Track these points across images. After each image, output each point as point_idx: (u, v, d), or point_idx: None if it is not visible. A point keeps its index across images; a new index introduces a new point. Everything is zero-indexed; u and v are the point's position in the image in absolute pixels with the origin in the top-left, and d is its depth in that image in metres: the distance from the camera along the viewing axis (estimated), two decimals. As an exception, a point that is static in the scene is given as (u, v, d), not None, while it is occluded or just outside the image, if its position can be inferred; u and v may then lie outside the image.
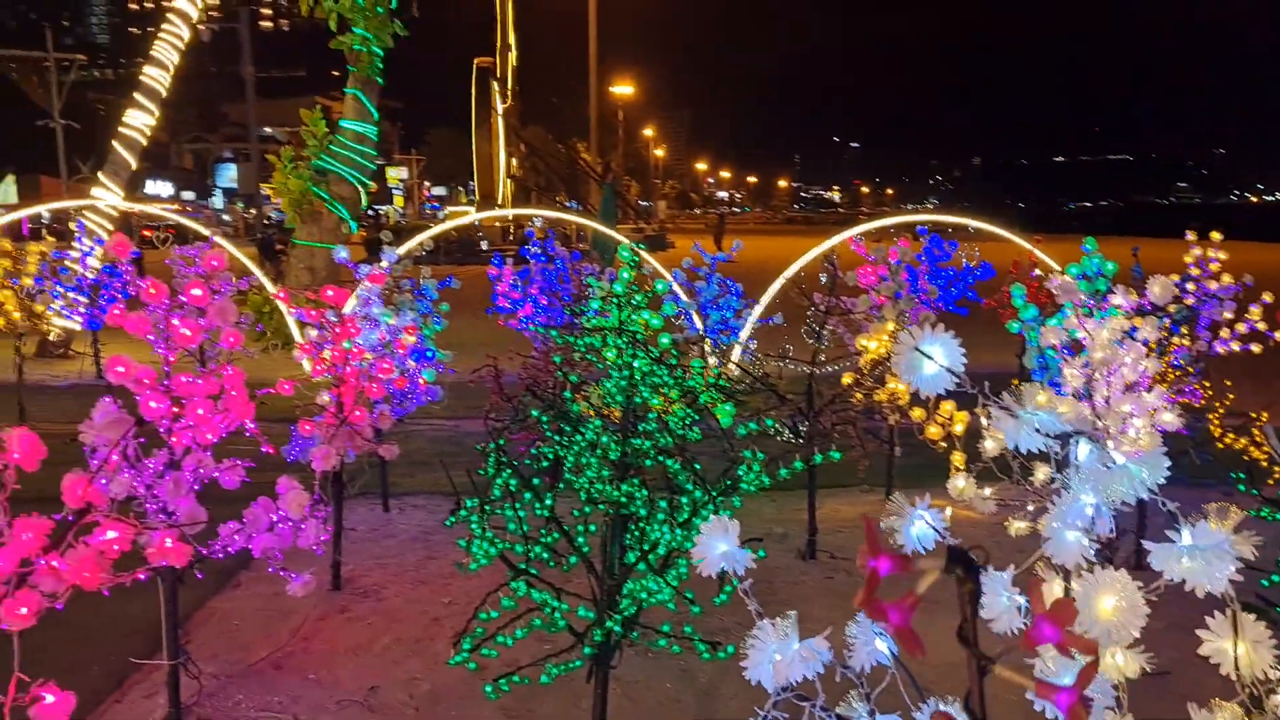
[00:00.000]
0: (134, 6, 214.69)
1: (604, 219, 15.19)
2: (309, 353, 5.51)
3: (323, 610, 5.38)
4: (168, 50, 14.49)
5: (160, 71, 14.44)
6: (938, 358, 2.04)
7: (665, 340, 5.06)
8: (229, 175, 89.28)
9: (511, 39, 48.46)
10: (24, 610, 2.31)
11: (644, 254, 11.22)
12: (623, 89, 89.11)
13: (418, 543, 6.57)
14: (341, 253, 7.15)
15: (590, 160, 58.53)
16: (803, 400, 6.45)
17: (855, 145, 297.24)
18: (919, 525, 2.04)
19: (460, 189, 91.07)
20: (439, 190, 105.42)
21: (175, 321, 3.96)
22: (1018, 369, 9.15)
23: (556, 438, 3.57)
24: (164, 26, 14.66)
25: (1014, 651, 1.03)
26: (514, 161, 49.45)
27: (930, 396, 1.82)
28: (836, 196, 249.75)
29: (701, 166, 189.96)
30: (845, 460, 5.53)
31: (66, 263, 12.04)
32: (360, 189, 14.69)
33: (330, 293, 5.42)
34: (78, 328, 12.76)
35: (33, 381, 10.84)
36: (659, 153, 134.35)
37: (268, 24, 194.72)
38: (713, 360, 8.85)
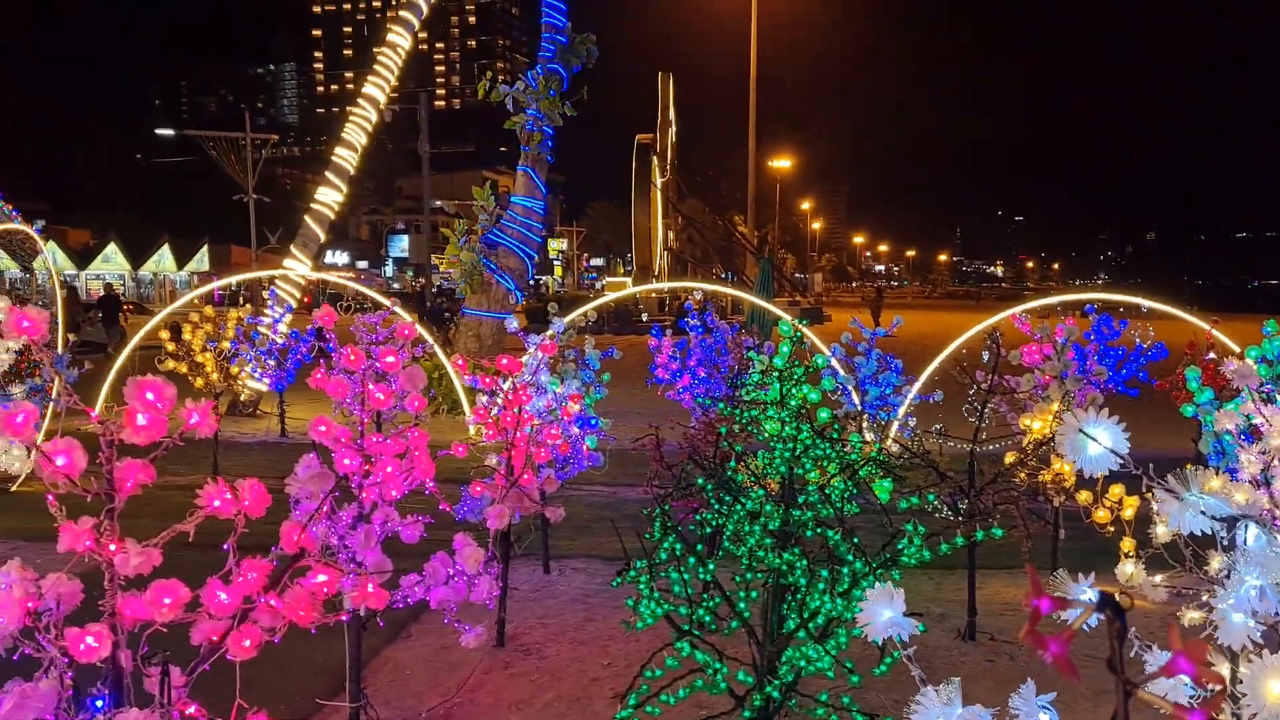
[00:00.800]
0: (320, 90, 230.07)
1: (761, 292, 15.38)
2: (481, 418, 5.82)
3: (488, 665, 5.60)
4: (356, 132, 15.58)
5: (349, 152, 15.52)
6: (1101, 439, 2.11)
7: (824, 414, 5.15)
8: (401, 246, 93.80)
9: (672, 115, 49.73)
10: (247, 643, 2.58)
11: (803, 329, 11.33)
12: (780, 163, 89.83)
13: (578, 604, 6.76)
14: (513, 323, 7.51)
15: (747, 233, 59.05)
16: (964, 478, 6.39)
17: (1020, 219, 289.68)
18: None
19: (618, 260, 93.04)
20: (597, 261, 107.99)
21: (371, 386, 4.30)
22: (1193, 454, 8.78)
23: (718, 506, 3.71)
24: (354, 111, 15.78)
25: (1156, 681, 1.14)
26: (671, 234, 50.39)
27: (1098, 479, 1.89)
28: (1000, 271, 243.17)
29: (859, 240, 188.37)
30: (1007, 541, 5.45)
31: (259, 328, 12.94)
32: (527, 261, 15.33)
33: (505, 361, 5.73)
34: (265, 389, 13.66)
35: (225, 438, 11.66)
36: (816, 226, 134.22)
37: (441, 104, 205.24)
38: (870, 435, 8.83)
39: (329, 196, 15.35)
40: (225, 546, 2.65)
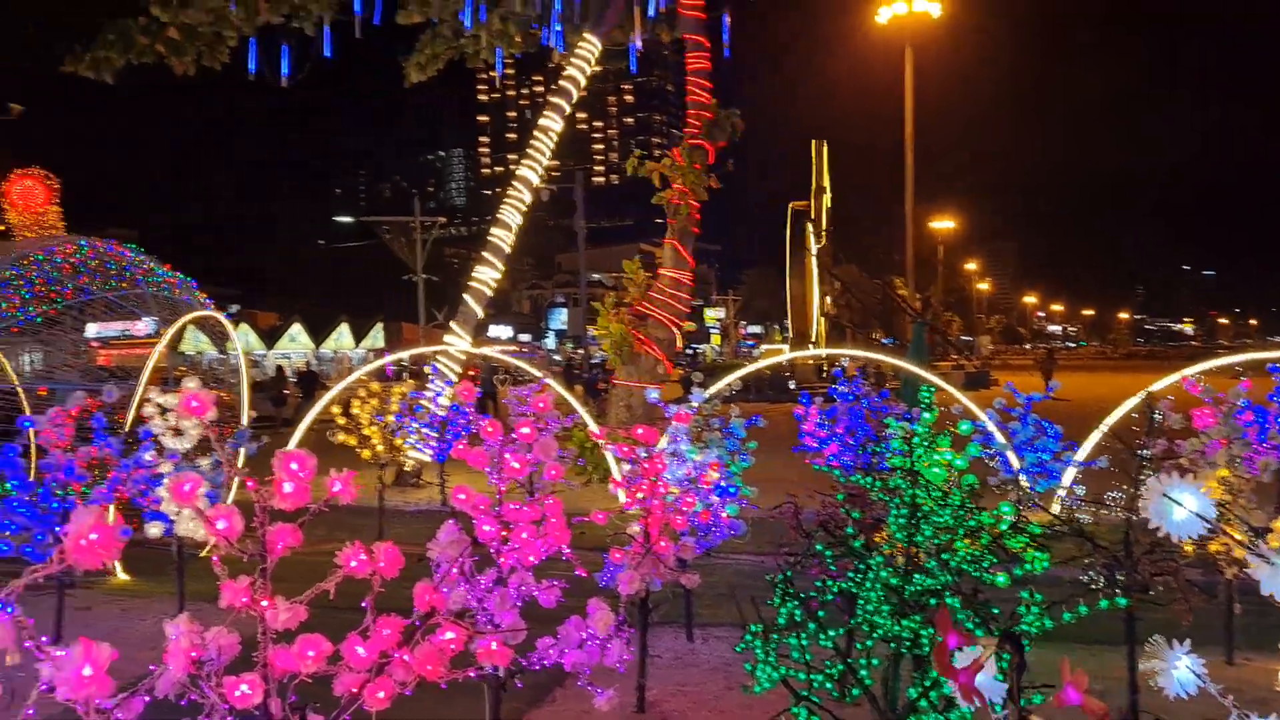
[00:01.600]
0: (486, 172, 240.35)
1: (913, 357, 15.17)
2: (622, 486, 6.00)
3: (627, 730, 5.69)
4: (512, 213, 16.31)
5: (505, 232, 16.26)
6: (1187, 504, 2.11)
7: (970, 481, 5.13)
8: (560, 319, 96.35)
9: (826, 181, 49.73)
10: (381, 694, 2.79)
11: (956, 393, 11.11)
12: (942, 223, 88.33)
13: (719, 673, 6.79)
14: (652, 394, 7.71)
15: (907, 296, 58.10)
16: (1120, 549, 6.15)
17: (1209, 273, 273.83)
18: (1180, 670, 2.12)
19: (775, 327, 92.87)
20: (754, 329, 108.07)
21: (507, 455, 4.55)
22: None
23: (839, 570, 3.75)
24: (509, 192, 16.55)
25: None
26: (828, 300, 50.07)
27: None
28: (1189, 329, 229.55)
29: (1030, 300, 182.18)
30: (1170, 615, 5.23)
31: (421, 401, 13.58)
32: (676, 332, 15.62)
33: (640, 431, 5.91)
34: (428, 459, 14.27)
35: (390, 506, 12.23)
36: (983, 286, 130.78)
37: (599, 180, 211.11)
38: (1026, 503, 8.57)
39: (486, 274, 16.07)
40: (364, 604, 2.88)
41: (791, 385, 34.67)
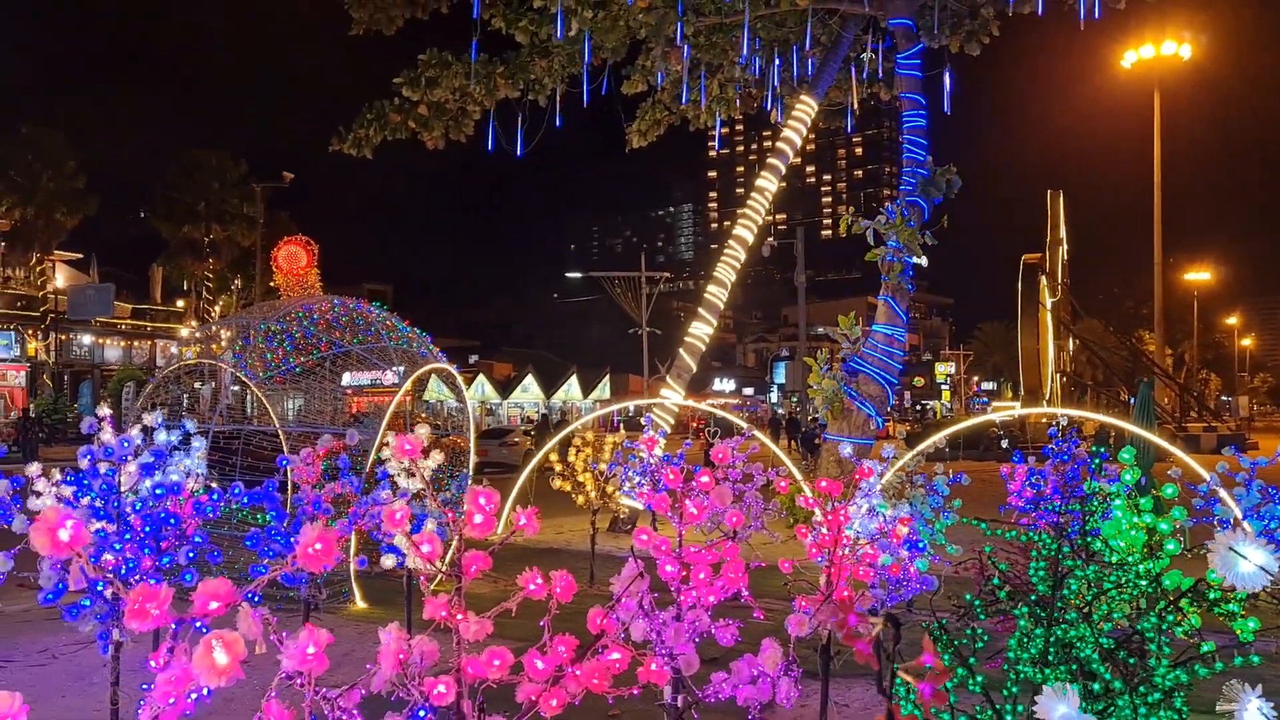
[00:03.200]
0: (714, 227, 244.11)
1: (1138, 419, 14.48)
2: (803, 535, 6.26)
3: (807, 773, 5.90)
4: (727, 271, 16.85)
5: (719, 289, 16.79)
6: (1253, 557, 2.28)
7: (1172, 547, 5.16)
8: (783, 372, 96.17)
9: (1062, 233, 47.83)
10: (555, 703, 3.23)
11: (1183, 455, 10.62)
12: (1196, 275, 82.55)
13: (905, 727, 6.85)
14: (846, 449, 7.91)
15: (1156, 353, 54.61)
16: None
17: None
18: (1251, 713, 2.32)
19: (1007, 383, 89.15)
20: (988, 385, 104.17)
21: (687, 502, 4.95)
22: None
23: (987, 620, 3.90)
24: (725, 250, 17.10)
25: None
26: (1065, 356, 47.87)
27: None
28: None
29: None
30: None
31: (636, 451, 14.20)
32: (888, 388, 15.58)
33: (824, 483, 6.16)
34: (641, 507, 14.85)
35: (602, 551, 12.84)
36: (1246, 343, 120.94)
37: (827, 233, 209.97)
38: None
39: (700, 330, 16.63)
40: (542, 623, 3.34)
41: (1004, 444, 33.41)
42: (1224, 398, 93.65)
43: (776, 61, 17.41)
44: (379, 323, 11.41)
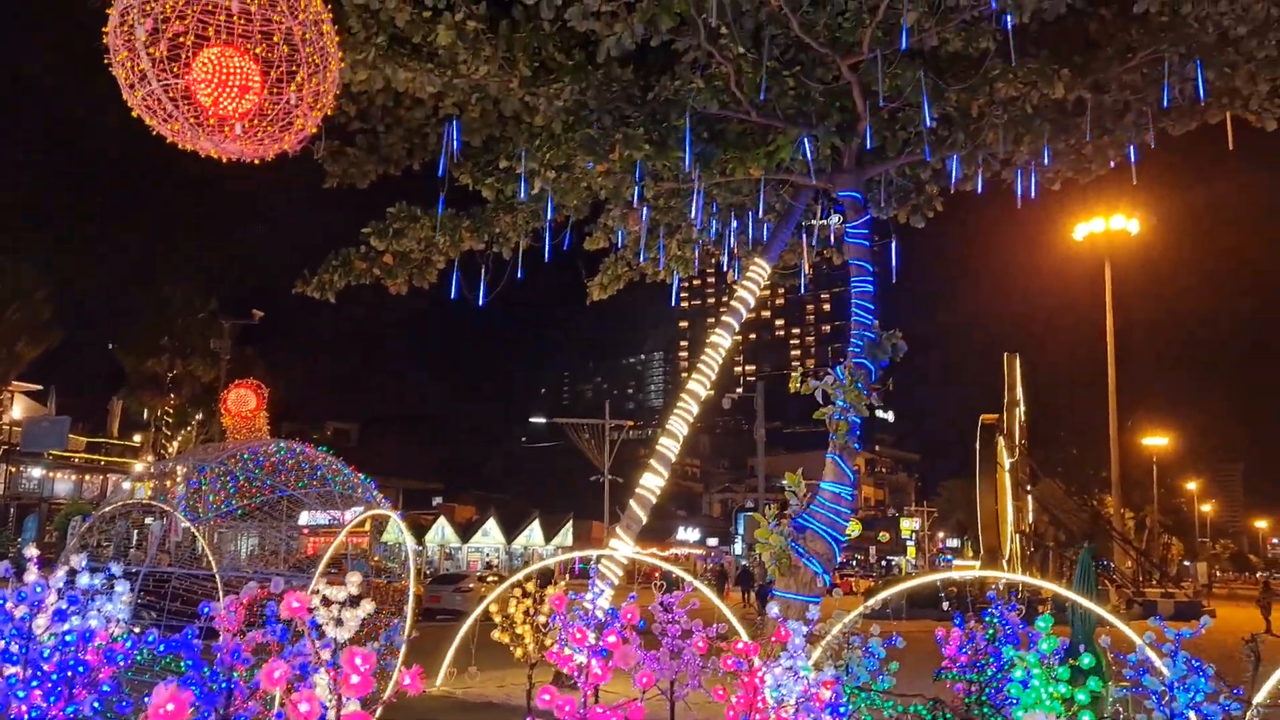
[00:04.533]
0: (684, 375, 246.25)
1: (1079, 586, 14.56)
2: (720, 697, 6.29)
3: None
4: (679, 424, 17.09)
5: (671, 441, 17.01)
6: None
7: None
8: (746, 524, 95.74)
9: (1019, 395, 48.71)
10: None
11: (1120, 625, 10.73)
12: (1154, 440, 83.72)
13: None
14: (773, 610, 7.98)
15: (1114, 517, 55.01)
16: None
17: None
18: None
19: (970, 542, 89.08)
20: (952, 542, 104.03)
21: (592, 661, 5.02)
22: None
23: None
24: (679, 404, 17.39)
25: None
26: (1023, 517, 48.10)
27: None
28: None
29: (1262, 524, 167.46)
30: None
31: (580, 603, 14.10)
32: (834, 546, 15.64)
33: (740, 645, 6.24)
34: (582, 661, 14.64)
35: (543, 706, 12.60)
36: (1206, 509, 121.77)
37: (795, 385, 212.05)
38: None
39: (652, 482, 16.75)
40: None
41: (945, 606, 33.32)
42: (1186, 563, 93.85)
43: (733, 224, 18.12)
44: (325, 466, 11.50)
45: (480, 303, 18.02)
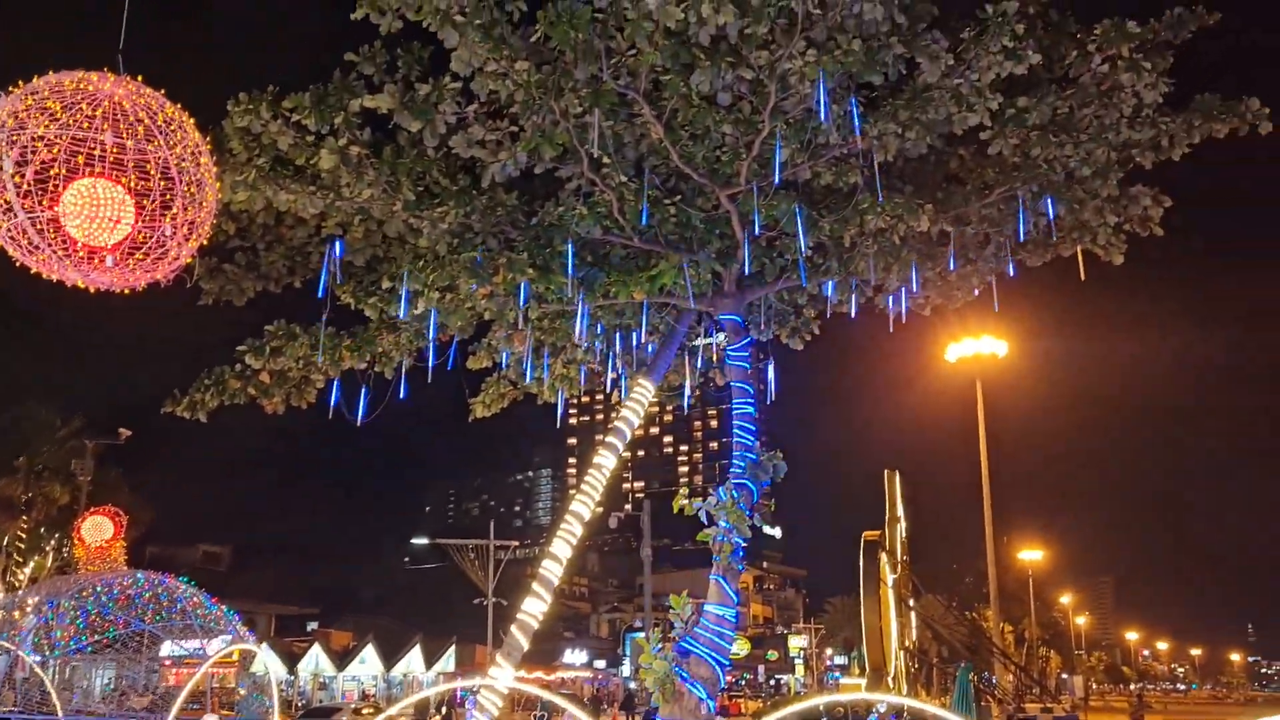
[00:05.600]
0: (572, 492, 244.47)
1: (957, 706, 14.74)
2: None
3: None
4: (563, 546, 16.83)
5: (554, 564, 16.71)
6: None
7: None
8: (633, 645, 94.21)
9: (900, 511, 49.73)
10: None
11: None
12: (1030, 554, 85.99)
13: None
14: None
15: (993, 631, 55.90)
16: None
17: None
18: None
19: (857, 659, 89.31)
20: (840, 659, 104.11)
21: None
22: None
23: None
24: (562, 525, 17.18)
25: None
26: (907, 633, 48.58)
27: None
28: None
29: (1133, 636, 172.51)
30: None
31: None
32: (719, 670, 15.49)
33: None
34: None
35: None
36: (1081, 621, 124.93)
37: (685, 502, 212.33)
38: None
39: (534, 607, 16.36)
40: None
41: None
42: (1064, 675, 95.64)
43: (617, 345, 18.32)
44: (185, 599, 10.95)
45: (360, 422, 17.68)
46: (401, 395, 17.99)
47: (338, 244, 15.75)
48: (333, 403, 17.62)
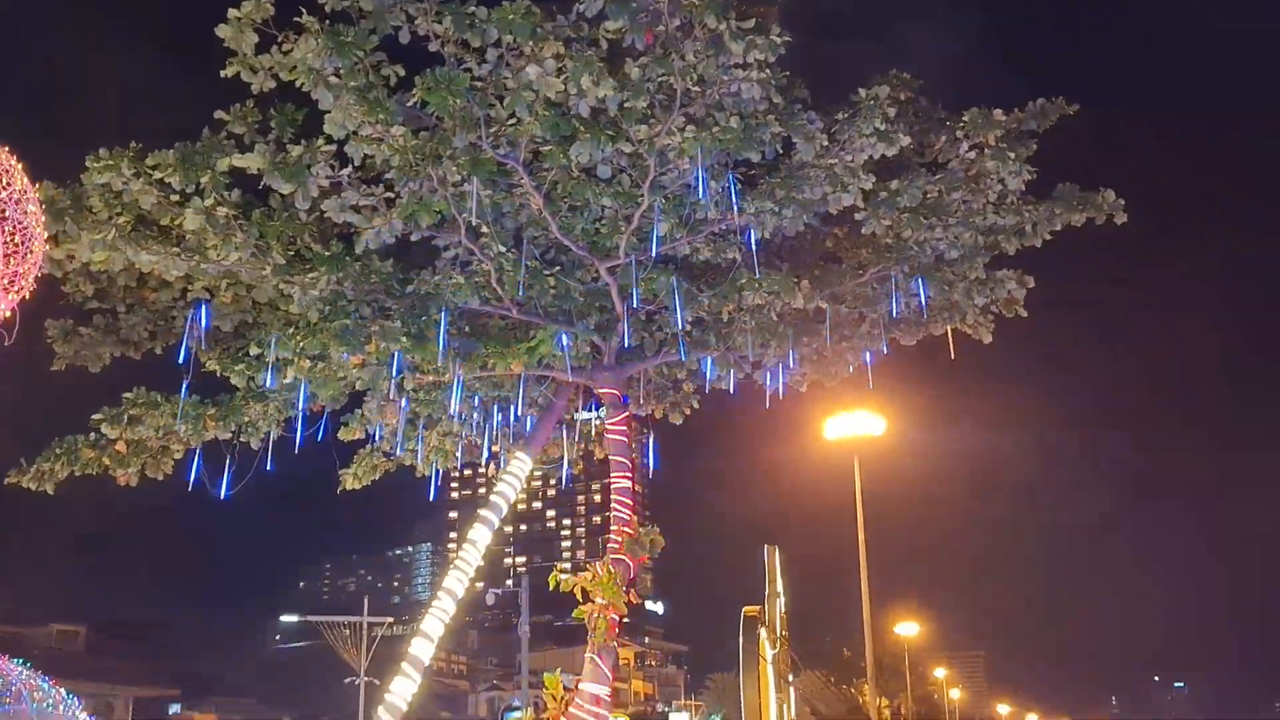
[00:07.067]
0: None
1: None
2: None
3: None
4: (434, 624, 16.28)
5: (425, 642, 16.13)
6: None
7: None
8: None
9: (779, 586, 49.90)
10: None
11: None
12: (906, 628, 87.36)
13: None
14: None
15: (869, 705, 56.33)
16: None
17: (1180, 685, 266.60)
18: None
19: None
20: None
21: None
22: None
23: None
24: (434, 603, 16.62)
25: None
26: (785, 710, 48.43)
27: None
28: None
29: (1004, 709, 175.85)
30: None
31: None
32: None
33: None
34: None
35: None
36: (955, 694, 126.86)
37: (566, 575, 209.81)
38: None
39: (403, 688, 15.70)
40: None
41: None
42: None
43: (495, 418, 18.03)
44: (20, 681, 10.16)
45: (224, 495, 16.91)
46: (268, 467, 17.30)
47: (204, 308, 15.18)
48: (194, 474, 16.83)
